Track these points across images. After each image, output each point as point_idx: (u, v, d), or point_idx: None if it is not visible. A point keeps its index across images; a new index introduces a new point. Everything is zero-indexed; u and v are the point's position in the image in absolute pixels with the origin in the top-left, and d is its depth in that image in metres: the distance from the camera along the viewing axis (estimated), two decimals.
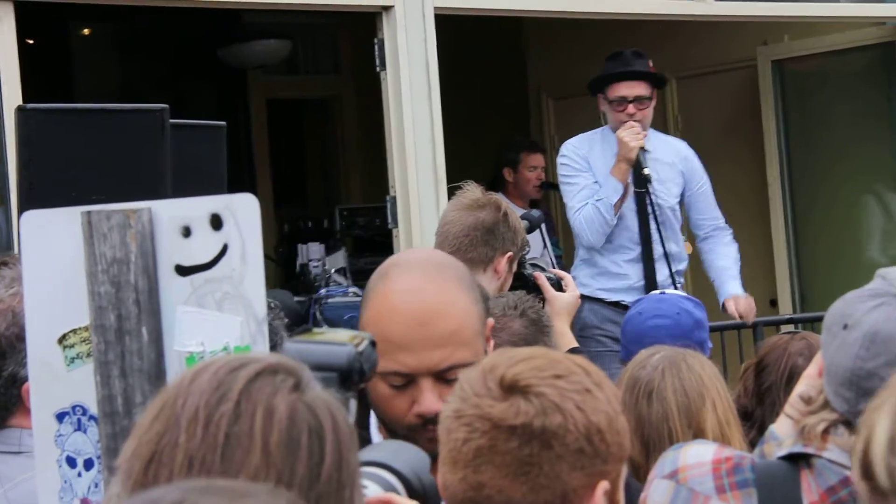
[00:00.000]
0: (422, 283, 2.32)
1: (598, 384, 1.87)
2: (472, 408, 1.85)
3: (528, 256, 4.37)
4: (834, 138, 8.34)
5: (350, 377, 1.80)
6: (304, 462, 1.49)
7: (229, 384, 1.53)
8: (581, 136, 6.22)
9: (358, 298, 5.89)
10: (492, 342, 2.63)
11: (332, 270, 6.61)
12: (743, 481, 2.19)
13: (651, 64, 6.24)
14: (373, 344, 1.89)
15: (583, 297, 5.68)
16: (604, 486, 1.85)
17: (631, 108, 6.04)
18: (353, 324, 5.56)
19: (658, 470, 2.29)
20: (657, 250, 6.04)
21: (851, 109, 8.28)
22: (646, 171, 6.02)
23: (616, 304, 5.99)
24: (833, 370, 2.11)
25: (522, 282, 4.25)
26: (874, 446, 1.58)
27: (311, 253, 6.07)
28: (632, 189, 6.01)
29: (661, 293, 4.04)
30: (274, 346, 3.09)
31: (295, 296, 5.89)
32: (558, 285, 4.30)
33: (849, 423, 2.09)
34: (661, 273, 6.04)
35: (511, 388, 1.84)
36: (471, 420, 1.85)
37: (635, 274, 6.04)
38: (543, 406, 1.83)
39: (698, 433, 2.93)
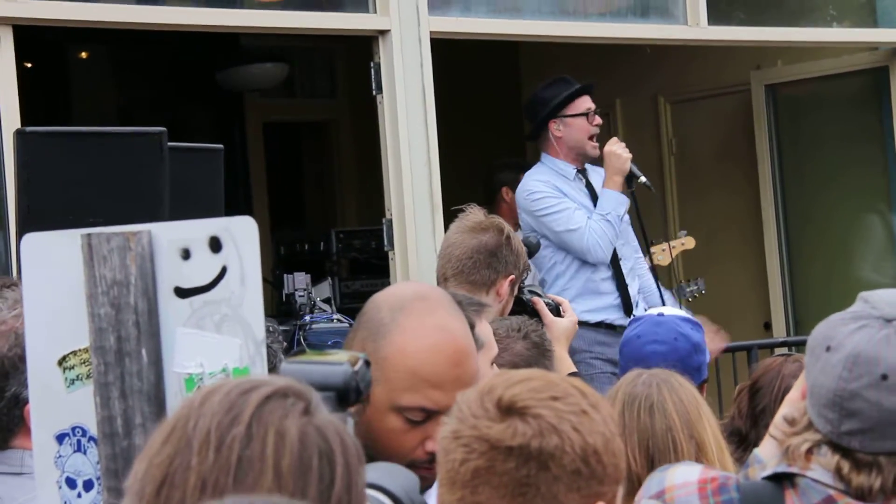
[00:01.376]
0: (451, 323, 2.32)
1: (594, 406, 1.89)
2: (469, 429, 1.87)
3: (525, 283, 4.40)
4: (827, 162, 8.38)
5: (347, 396, 1.82)
6: (315, 485, 1.50)
7: (241, 407, 1.54)
8: (532, 171, 6.20)
9: (342, 325, 5.91)
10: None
11: (318, 300, 6.65)
12: (728, 500, 2.21)
13: None
14: (367, 363, 1.91)
15: None
16: None
17: (598, 119, 6.13)
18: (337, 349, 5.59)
19: (645, 490, 2.31)
20: (625, 266, 6.10)
21: (844, 133, 8.32)
22: (642, 179, 6.09)
23: (599, 325, 6.02)
24: (816, 391, 2.13)
25: (521, 307, 4.27)
26: None
27: (297, 283, 6.11)
28: (627, 203, 6.07)
29: (659, 314, 4.02)
30: (272, 369, 3.11)
31: (280, 325, 5.93)
32: (557, 311, 4.33)
33: (832, 444, 2.11)
34: (632, 288, 6.10)
35: (508, 410, 1.86)
36: (469, 441, 1.86)
37: (612, 291, 6.07)
38: (541, 427, 1.85)
39: (700, 444, 2.96)
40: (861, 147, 8.29)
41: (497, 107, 9.84)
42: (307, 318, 5.91)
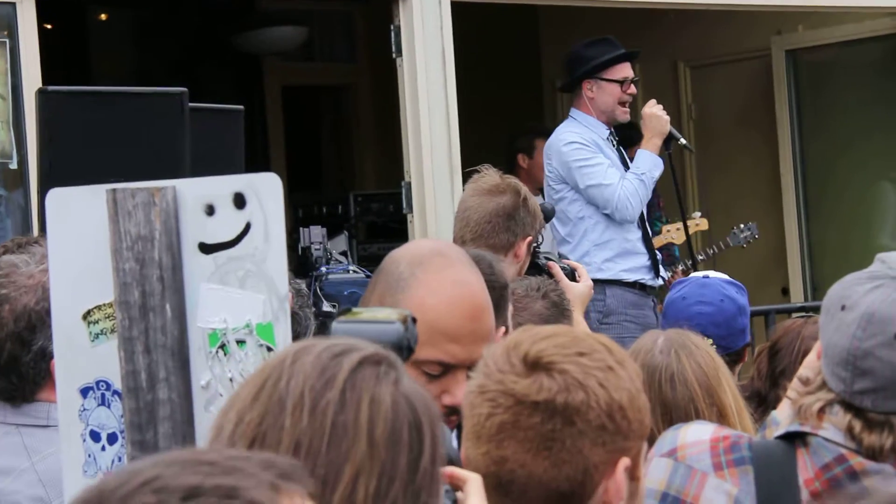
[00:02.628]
0: (469, 277, 2.35)
1: (620, 362, 1.91)
2: (495, 384, 1.88)
3: (541, 249, 4.40)
4: (847, 128, 8.35)
5: (400, 353, 1.83)
6: (405, 455, 1.50)
7: (334, 370, 1.53)
8: (567, 124, 6.22)
9: (358, 275, 5.89)
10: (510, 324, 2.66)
11: (335, 252, 6.64)
12: (740, 459, 2.22)
13: None
14: (413, 321, 1.92)
15: (602, 281, 5.75)
16: (625, 462, 1.88)
17: (633, 88, 6.13)
18: (353, 299, 5.58)
19: (657, 449, 2.33)
20: (650, 229, 6.17)
21: (865, 99, 8.29)
22: (682, 141, 6.12)
23: (634, 285, 6.03)
24: (830, 351, 2.14)
25: (536, 270, 4.28)
26: None
27: (314, 236, 6.10)
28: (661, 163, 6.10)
29: (704, 276, 4.04)
30: (302, 334, 3.11)
31: (297, 278, 5.94)
32: (572, 275, 4.33)
33: (845, 403, 2.11)
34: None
35: (535, 365, 1.87)
36: (494, 396, 1.88)
37: (644, 252, 6.10)
38: (567, 382, 1.86)
39: (721, 409, 2.97)
40: (881, 113, 8.25)
41: (516, 72, 9.82)
42: (323, 268, 5.91)
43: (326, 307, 5.59)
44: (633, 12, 7.46)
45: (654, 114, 6.03)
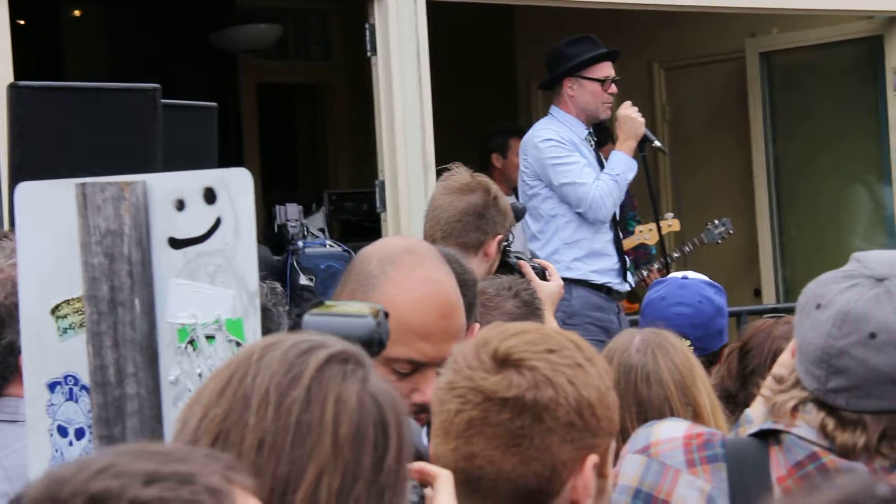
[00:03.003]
0: (440, 275, 2.35)
1: (589, 359, 1.91)
2: (464, 380, 1.88)
3: (511, 248, 4.39)
4: (820, 130, 8.39)
5: (371, 349, 1.82)
6: (370, 454, 1.50)
7: (300, 368, 1.52)
8: (546, 121, 6.22)
9: (335, 249, 5.87)
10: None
11: (312, 228, 6.61)
12: (713, 456, 2.22)
13: None
14: (385, 315, 1.92)
15: (570, 281, 5.74)
16: (593, 459, 1.88)
17: (614, 87, 6.12)
18: (330, 272, 5.55)
19: (630, 446, 2.33)
20: (624, 230, 6.16)
21: (838, 102, 8.33)
22: (656, 143, 6.11)
23: (600, 288, 6.03)
24: (805, 349, 2.14)
25: (506, 269, 4.27)
26: None
27: (290, 213, 6.09)
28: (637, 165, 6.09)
29: (683, 277, 4.04)
30: (275, 331, 3.10)
31: (274, 255, 5.91)
32: (542, 275, 4.33)
33: (818, 401, 2.12)
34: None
35: (504, 362, 1.87)
36: (464, 392, 1.88)
37: (615, 255, 6.10)
38: (536, 379, 1.86)
39: (696, 408, 2.97)
40: (854, 116, 8.29)
41: (491, 71, 9.83)
42: (300, 243, 5.89)
43: (303, 280, 5.58)
44: (608, 13, 7.47)
45: (629, 115, 6.04)
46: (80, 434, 2.05)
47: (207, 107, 4.21)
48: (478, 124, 8.80)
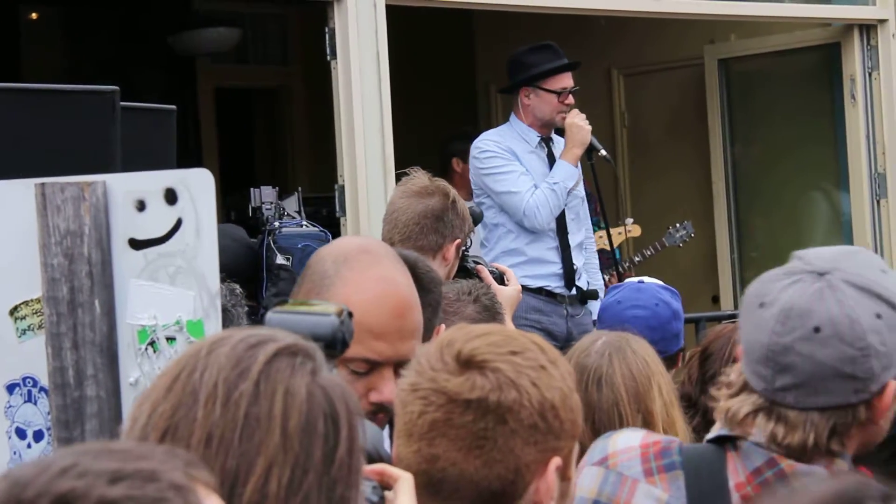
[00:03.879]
0: (395, 275, 2.35)
1: (552, 361, 1.91)
2: (428, 381, 1.87)
3: (469, 252, 4.40)
4: (778, 137, 8.44)
5: (334, 347, 1.81)
6: (320, 447, 1.49)
7: (248, 362, 1.52)
8: (492, 131, 6.26)
9: (312, 229, 5.84)
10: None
11: (287, 211, 6.57)
12: (670, 464, 2.21)
13: None
14: (350, 315, 1.91)
15: None
16: (556, 461, 1.88)
17: (570, 98, 6.12)
18: (307, 251, 5.51)
19: (588, 458, 2.32)
20: (573, 240, 6.12)
21: (796, 109, 8.37)
22: (602, 152, 6.11)
23: (539, 291, 6.03)
24: (750, 349, 2.13)
25: (465, 274, 4.28)
26: None
27: (265, 196, 6.05)
28: (580, 173, 6.08)
29: (639, 281, 4.05)
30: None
31: (251, 237, 5.87)
32: (500, 279, 4.34)
33: (767, 408, 2.11)
34: (578, 261, 6.13)
35: (468, 363, 1.87)
36: (427, 393, 1.87)
37: (556, 261, 6.09)
38: (499, 381, 1.85)
39: (647, 416, 2.96)
40: (812, 123, 8.34)
41: (451, 76, 9.83)
42: (276, 223, 5.87)
43: (280, 260, 5.55)
44: (566, 19, 7.49)
45: (576, 124, 6.02)
46: (38, 436, 2.03)
47: (166, 110, 4.18)
48: (438, 128, 8.80)
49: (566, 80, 6.16)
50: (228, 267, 3.12)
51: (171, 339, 1.91)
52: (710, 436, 2.21)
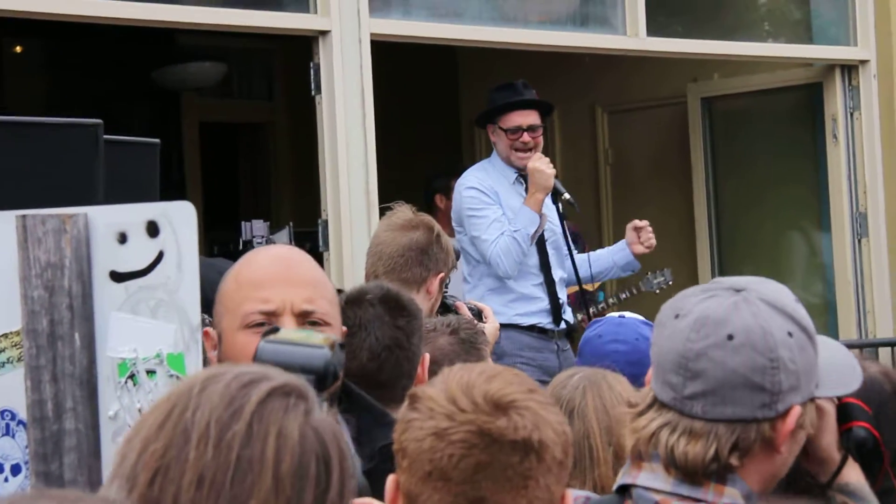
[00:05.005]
0: (287, 251, 2.46)
1: (550, 398, 1.95)
2: (464, 425, 1.88)
3: (448, 291, 4.41)
4: (760, 176, 8.47)
5: (325, 380, 1.81)
6: (312, 490, 1.48)
7: (241, 402, 1.51)
8: (476, 167, 6.24)
9: None
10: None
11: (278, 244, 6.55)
12: None
13: (536, 94, 6.29)
14: (341, 347, 1.91)
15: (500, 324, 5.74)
16: (570, 495, 1.91)
17: (525, 137, 6.07)
18: None
19: None
20: (556, 274, 6.12)
21: (778, 148, 8.41)
22: (566, 196, 6.08)
23: (532, 328, 6.03)
24: (662, 359, 2.13)
25: (444, 310, 4.28)
26: None
27: (255, 230, 6.03)
28: (547, 217, 6.05)
29: (620, 316, 4.06)
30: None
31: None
32: (479, 316, 4.34)
33: (671, 425, 2.09)
34: (562, 295, 6.13)
35: (498, 405, 1.89)
36: (466, 436, 1.88)
37: (545, 297, 6.09)
38: (536, 421, 1.89)
39: (618, 450, 2.96)
40: (794, 163, 8.38)
41: (435, 112, 9.86)
42: None
43: None
44: (550, 56, 7.52)
45: (538, 168, 5.96)
46: (16, 470, 2.01)
47: (150, 143, 4.17)
48: (422, 163, 8.82)
49: (519, 119, 6.07)
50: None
51: (151, 373, 1.90)
52: (616, 484, 2.21)
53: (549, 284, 6.11)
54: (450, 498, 1.88)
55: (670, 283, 7.28)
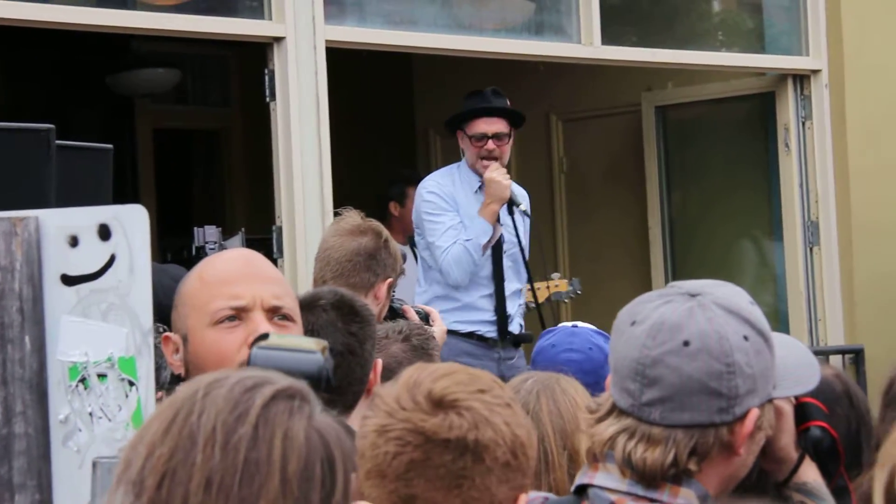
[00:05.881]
0: (247, 250, 2.50)
1: (513, 399, 1.94)
2: (401, 422, 1.89)
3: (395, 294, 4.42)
4: (714, 184, 8.52)
5: (318, 385, 1.81)
6: (318, 492, 1.49)
7: (246, 405, 1.52)
8: (441, 172, 6.25)
9: None
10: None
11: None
12: None
13: (509, 102, 6.30)
14: (332, 351, 1.92)
15: None
16: (524, 499, 1.90)
17: (490, 144, 6.07)
18: None
19: None
20: (509, 287, 6.12)
21: (730, 157, 8.47)
22: (522, 206, 6.10)
23: (471, 335, 6.03)
24: (619, 365, 2.14)
25: (391, 314, 4.29)
26: None
27: (208, 236, 6.01)
28: (501, 228, 6.05)
29: (573, 326, 4.07)
30: (163, 367, 3.08)
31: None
32: (426, 320, 4.36)
33: (629, 429, 2.11)
34: (512, 308, 6.13)
35: (440, 403, 1.89)
36: (402, 434, 1.88)
37: (490, 308, 6.09)
38: (475, 420, 1.88)
39: (573, 454, 2.97)
40: (746, 171, 8.43)
41: (390, 118, 9.86)
42: None
43: None
44: (505, 64, 7.53)
45: (494, 179, 5.96)
46: None
47: (103, 149, 4.15)
48: (376, 171, 8.82)
49: (485, 126, 6.08)
50: (168, 307, 3.10)
51: (102, 376, 1.90)
52: (574, 485, 2.22)
53: (499, 296, 6.10)
54: (385, 495, 1.88)
55: (579, 292, 7.26)
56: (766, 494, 2.42)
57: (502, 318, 6.07)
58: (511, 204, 6.07)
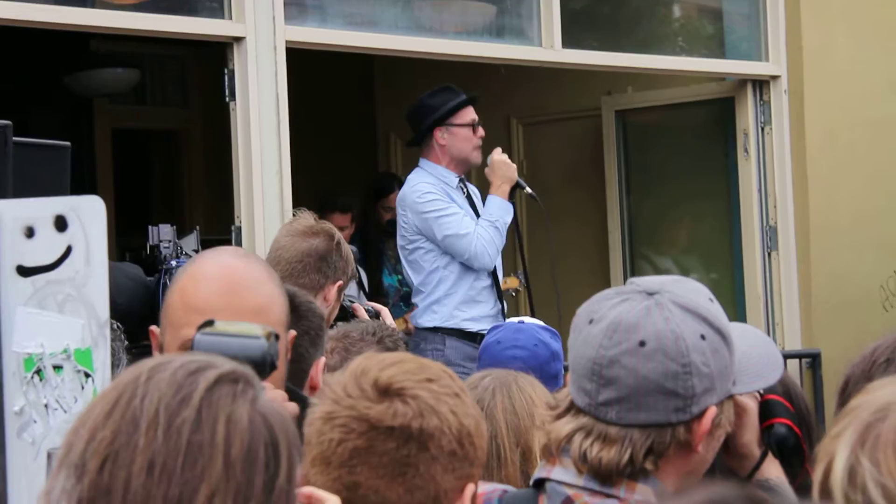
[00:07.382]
0: (231, 261, 2.38)
1: (463, 389, 1.94)
2: (346, 409, 1.88)
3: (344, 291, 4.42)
4: (673, 189, 8.55)
5: (263, 370, 1.81)
6: (262, 475, 1.50)
7: (189, 388, 1.51)
8: (416, 175, 6.27)
9: None
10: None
11: (185, 250, 6.50)
12: None
13: None
14: (276, 337, 1.91)
15: (446, 330, 5.77)
16: (471, 488, 1.90)
17: (481, 131, 6.21)
18: None
19: None
20: (500, 278, 6.19)
21: (690, 161, 8.50)
22: (528, 190, 6.18)
23: (473, 337, 6.05)
24: (577, 364, 2.14)
25: (341, 312, 4.30)
26: (834, 475, 1.61)
27: (163, 234, 5.99)
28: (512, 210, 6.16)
29: (519, 322, 4.06)
30: (115, 366, 3.06)
31: (148, 276, 5.81)
32: (376, 318, 4.36)
33: (586, 428, 2.11)
34: (503, 299, 6.20)
35: (386, 391, 1.88)
36: (346, 421, 1.87)
37: (491, 300, 6.13)
38: (420, 408, 1.87)
39: (526, 451, 2.97)
40: (705, 176, 8.47)
41: (350, 119, 9.85)
42: (173, 262, 5.79)
43: None
44: (466, 67, 7.54)
45: (503, 161, 6.13)
46: None
47: (60, 146, 4.12)
48: (336, 172, 8.80)
49: (472, 114, 6.26)
50: (123, 306, 3.08)
51: (58, 368, 1.88)
52: (532, 478, 2.22)
53: (497, 286, 6.17)
54: (329, 482, 1.88)
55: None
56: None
57: (501, 310, 6.13)
58: (515, 188, 6.16)
